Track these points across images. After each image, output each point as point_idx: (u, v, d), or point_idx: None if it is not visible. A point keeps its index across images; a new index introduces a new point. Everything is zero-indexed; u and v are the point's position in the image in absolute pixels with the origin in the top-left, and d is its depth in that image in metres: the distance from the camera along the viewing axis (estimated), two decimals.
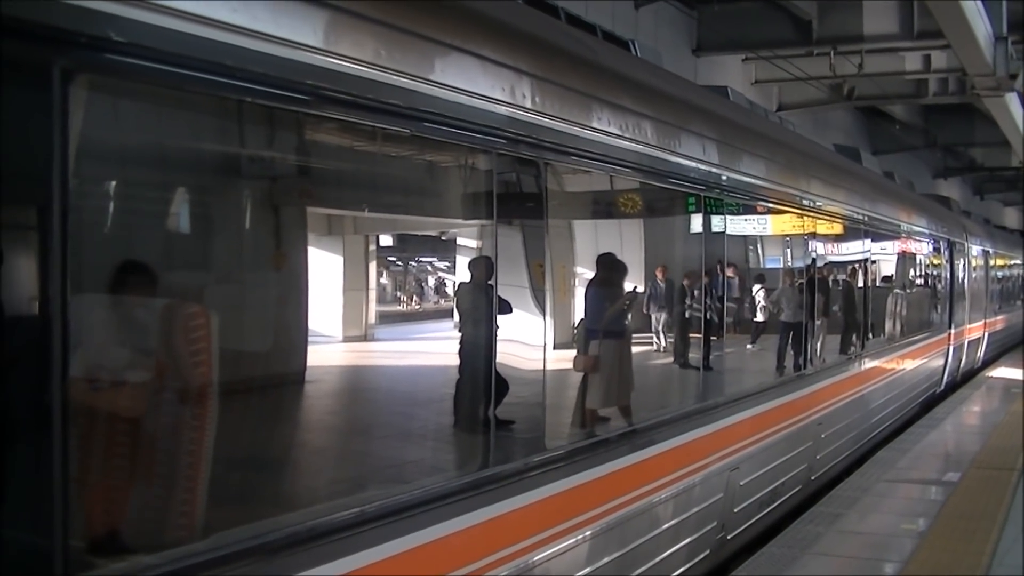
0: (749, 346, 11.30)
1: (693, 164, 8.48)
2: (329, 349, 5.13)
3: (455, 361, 5.82)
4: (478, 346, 5.79)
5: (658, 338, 8.61)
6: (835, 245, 13.97)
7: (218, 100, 4.16)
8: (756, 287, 11.31)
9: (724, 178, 9.18)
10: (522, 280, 6.32)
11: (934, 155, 41.79)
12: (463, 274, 6.03)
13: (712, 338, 9.47)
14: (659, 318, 8.50)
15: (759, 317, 11.34)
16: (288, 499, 4.69)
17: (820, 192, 12.62)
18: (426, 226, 6.10)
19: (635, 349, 8.14)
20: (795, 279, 12.34)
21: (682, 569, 8.38)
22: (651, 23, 20.76)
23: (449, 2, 5.68)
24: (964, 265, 23.97)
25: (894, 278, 17.97)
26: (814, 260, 12.70)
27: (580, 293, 7.30)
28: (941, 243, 21.53)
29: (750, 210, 10.46)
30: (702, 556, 8.85)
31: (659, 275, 8.43)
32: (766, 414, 10.37)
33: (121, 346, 4.00)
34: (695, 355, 9.20)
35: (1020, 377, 23.34)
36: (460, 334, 5.98)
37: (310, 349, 4.91)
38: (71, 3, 3.35)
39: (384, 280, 5.64)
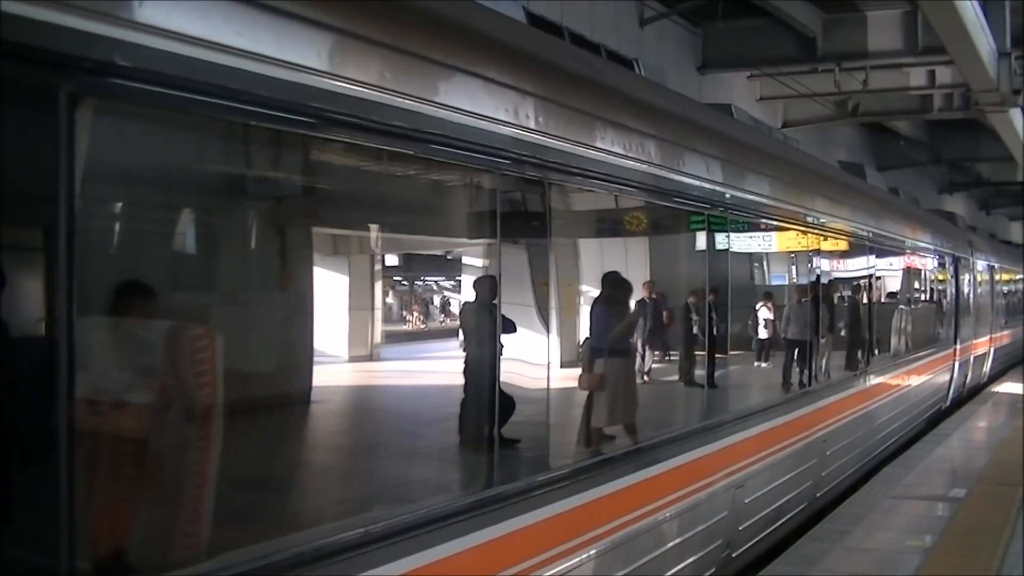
0: (755, 363, 11.30)
1: (697, 183, 8.51)
2: (335, 369, 5.15)
3: (460, 381, 5.84)
4: (483, 365, 5.80)
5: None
6: (840, 262, 13.98)
7: (223, 123, 4.19)
8: (759, 304, 11.31)
9: (728, 196, 9.20)
10: (527, 299, 6.34)
11: (939, 170, 41.76)
12: (468, 293, 6.05)
13: (716, 356, 9.48)
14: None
15: (762, 334, 11.34)
16: (294, 519, 4.71)
17: (825, 209, 12.64)
18: (431, 246, 6.13)
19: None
20: (800, 296, 12.34)
21: None
22: (656, 41, 20.82)
23: (453, 24, 5.72)
24: (970, 280, 23.95)
25: (899, 294, 17.97)
26: (819, 277, 12.70)
27: (584, 312, 7.31)
28: (946, 259, 21.52)
29: (754, 228, 10.48)
30: (708, 574, 8.84)
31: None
32: (771, 431, 10.36)
33: (126, 368, 4.02)
34: (700, 373, 9.23)
35: None
36: (465, 353, 6.01)
37: (316, 369, 4.94)
38: (77, 29, 3.38)
39: (390, 300, 5.67)
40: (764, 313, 11.30)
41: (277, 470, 4.72)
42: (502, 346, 5.84)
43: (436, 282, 6.14)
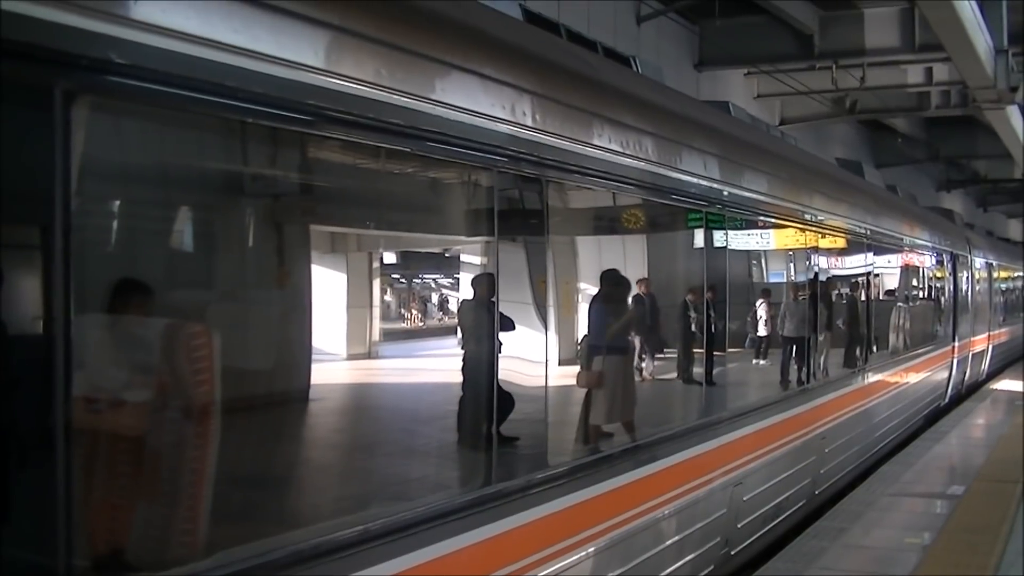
0: (754, 361, 11.30)
1: (694, 180, 8.50)
2: (333, 367, 5.14)
3: (458, 378, 5.84)
4: (481, 363, 5.80)
5: None
6: (838, 259, 13.97)
7: (220, 120, 4.18)
8: (758, 301, 11.31)
9: (726, 194, 9.19)
10: (524, 296, 6.34)
11: (937, 168, 41.79)
12: (466, 291, 6.04)
13: (714, 353, 9.48)
14: None
15: (761, 332, 11.33)
16: (292, 517, 4.70)
17: (822, 206, 12.64)
18: (429, 243, 6.12)
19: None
20: (798, 294, 12.34)
21: None
22: (653, 38, 20.83)
23: (449, 22, 5.71)
24: (967, 278, 23.96)
25: (897, 291, 17.97)
26: (817, 275, 12.70)
27: (583, 309, 7.30)
28: (944, 256, 21.53)
29: (752, 225, 10.47)
30: (706, 572, 8.84)
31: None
32: (769, 429, 10.36)
33: (124, 365, 4.02)
34: (698, 370, 9.22)
35: (1023, 389, 23.32)
36: (463, 351, 6.00)
37: (314, 367, 4.93)
38: (73, 26, 3.38)
39: (388, 297, 5.66)
40: (762, 310, 11.30)
41: (275, 468, 4.72)
42: (500, 344, 5.83)
43: (434, 280, 6.13)
